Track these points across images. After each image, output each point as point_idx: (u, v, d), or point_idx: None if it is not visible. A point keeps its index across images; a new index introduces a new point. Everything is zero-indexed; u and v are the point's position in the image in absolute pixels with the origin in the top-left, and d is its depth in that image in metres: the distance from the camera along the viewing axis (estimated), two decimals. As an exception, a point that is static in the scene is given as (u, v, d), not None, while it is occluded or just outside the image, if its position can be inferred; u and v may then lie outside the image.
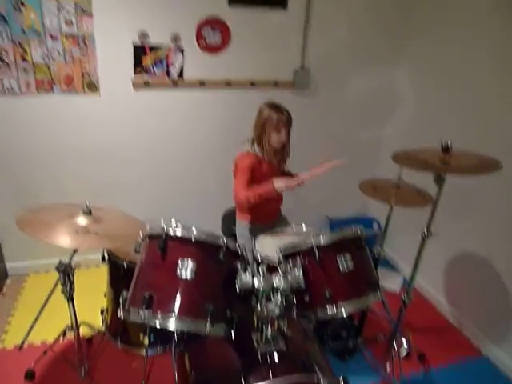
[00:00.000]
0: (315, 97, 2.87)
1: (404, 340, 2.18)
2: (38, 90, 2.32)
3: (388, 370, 2.04)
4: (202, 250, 1.35)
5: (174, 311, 1.28)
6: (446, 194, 1.73)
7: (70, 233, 1.58)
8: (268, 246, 1.98)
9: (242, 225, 2.27)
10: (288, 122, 2.02)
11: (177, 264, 1.32)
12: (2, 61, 2.21)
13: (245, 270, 1.44)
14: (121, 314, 1.35)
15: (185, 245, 1.35)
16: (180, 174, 2.85)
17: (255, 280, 1.38)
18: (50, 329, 2.09)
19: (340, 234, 1.52)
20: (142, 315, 1.27)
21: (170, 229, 1.35)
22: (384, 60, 2.91)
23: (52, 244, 1.52)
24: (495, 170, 1.54)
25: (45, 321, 2.13)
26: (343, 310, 1.45)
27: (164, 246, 1.33)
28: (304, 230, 2.21)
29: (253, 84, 2.68)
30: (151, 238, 1.41)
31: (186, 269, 1.31)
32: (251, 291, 1.41)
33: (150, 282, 1.34)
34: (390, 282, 2.87)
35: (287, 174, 2.23)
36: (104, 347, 2.11)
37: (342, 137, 3.08)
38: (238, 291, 1.40)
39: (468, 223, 2.45)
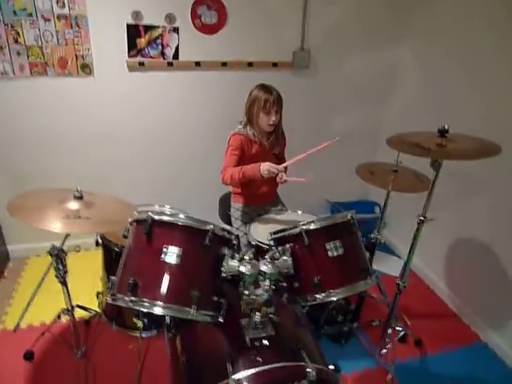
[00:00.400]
0: (314, 77, 2.80)
1: (399, 325, 2.17)
2: (31, 73, 2.29)
3: (383, 354, 2.03)
4: (188, 235, 1.33)
5: (158, 297, 1.27)
6: (447, 178, 1.68)
7: (60, 218, 1.58)
8: (262, 231, 1.97)
9: (237, 207, 2.25)
10: (277, 103, 1.97)
11: (162, 249, 1.30)
12: (-5, 43, 2.19)
13: (232, 256, 1.42)
14: (109, 298, 1.35)
15: (170, 230, 1.33)
16: (175, 155, 2.82)
17: (241, 265, 1.37)
18: (50, 310, 2.11)
19: (329, 220, 1.49)
20: (127, 300, 1.27)
21: (156, 214, 1.33)
22: (386, 38, 2.82)
23: (42, 229, 1.53)
24: (494, 155, 1.48)
25: (44, 302, 2.17)
26: (332, 296, 1.43)
27: (149, 231, 1.32)
28: (299, 215, 2.18)
29: (250, 65, 2.61)
30: (138, 222, 1.39)
31: (171, 254, 1.30)
32: (239, 276, 1.40)
33: (135, 267, 1.33)
34: (390, 267, 2.84)
35: (279, 157, 2.19)
36: (102, 329, 2.14)
37: (341, 118, 3.02)
38: (224, 276, 1.39)
39: (469, 208, 2.39)
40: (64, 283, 1.78)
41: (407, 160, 1.97)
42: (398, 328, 2.08)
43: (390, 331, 2.02)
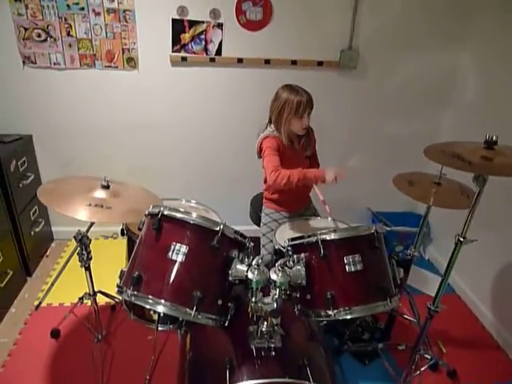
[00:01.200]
0: (362, 78, 2.64)
1: (429, 353, 1.98)
2: (81, 65, 2.40)
3: (408, 381, 1.87)
4: (196, 233, 1.30)
5: (160, 294, 1.25)
6: (501, 195, 1.48)
7: (84, 205, 1.62)
8: (287, 236, 1.88)
9: (267, 212, 2.18)
10: (310, 105, 1.84)
11: (168, 245, 1.28)
12: (50, 36, 2.31)
13: (242, 260, 1.37)
14: (116, 289, 1.36)
15: (179, 227, 1.31)
16: (214, 152, 2.81)
17: (249, 271, 1.31)
18: (82, 292, 2.18)
19: (351, 231, 1.38)
20: (129, 294, 1.26)
21: (166, 209, 1.31)
22: (444, 40, 2.59)
23: (66, 214, 1.58)
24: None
25: (78, 283, 2.24)
26: (344, 314, 1.32)
27: (158, 226, 1.30)
28: (328, 222, 2.07)
29: (294, 63, 2.53)
30: (151, 216, 1.38)
31: (178, 252, 1.27)
32: (246, 282, 1.34)
33: (141, 261, 1.33)
34: (429, 286, 2.62)
35: (311, 158, 2.09)
36: (125, 316, 2.19)
37: (389, 123, 2.83)
38: (232, 280, 1.34)
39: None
40: (88, 268, 1.84)
41: (454, 172, 1.78)
42: (427, 356, 1.90)
43: (417, 358, 1.84)
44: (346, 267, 1.34)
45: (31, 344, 2.06)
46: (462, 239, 1.55)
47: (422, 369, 1.89)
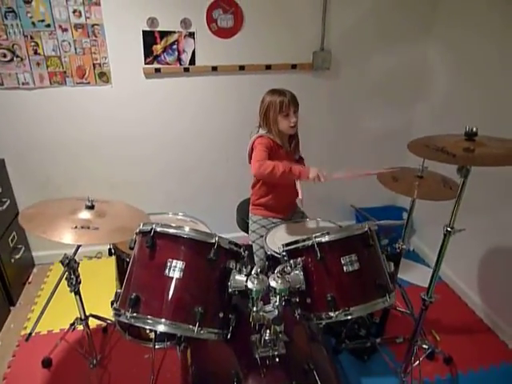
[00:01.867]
0: (336, 79, 2.69)
1: (426, 343, 2.02)
2: (51, 83, 2.33)
3: (408, 372, 1.90)
4: (191, 248, 1.28)
5: (161, 314, 1.22)
6: (480, 182, 1.53)
7: (69, 228, 1.56)
8: (278, 241, 1.88)
9: (255, 219, 2.17)
10: (293, 103, 1.88)
11: (164, 262, 1.26)
12: (16, 55, 2.23)
13: (239, 270, 1.36)
14: (112, 313, 1.32)
15: (173, 243, 1.29)
16: (196, 161, 2.78)
17: (249, 280, 1.30)
18: (71, 317, 2.10)
19: (345, 232, 1.39)
20: (128, 316, 1.23)
21: (158, 226, 1.29)
22: (412, 38, 2.67)
23: (50, 240, 1.52)
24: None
25: (66, 309, 2.16)
26: (346, 314, 1.33)
27: (152, 244, 1.27)
28: (319, 223, 2.09)
29: (268, 67, 2.54)
30: (142, 234, 1.35)
31: (174, 268, 1.25)
32: (247, 292, 1.33)
33: (137, 281, 1.29)
34: (418, 277, 2.68)
35: (300, 162, 2.11)
36: (118, 337, 2.14)
37: (365, 121, 2.89)
38: (231, 292, 1.32)
39: (505, 215, 2.20)
40: (77, 293, 1.78)
41: (435, 165, 1.83)
42: (424, 346, 1.94)
43: (416, 348, 1.87)
44: (344, 268, 1.35)
45: (22, 376, 1.97)
46: (450, 229, 1.59)
47: (421, 358, 1.93)
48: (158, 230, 1.28)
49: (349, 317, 1.33)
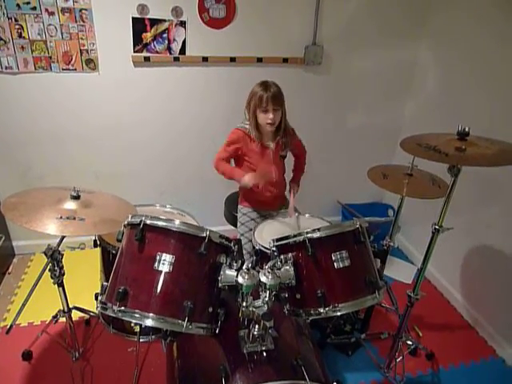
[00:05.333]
0: (327, 74, 2.68)
1: (410, 339, 2.05)
2: (36, 68, 2.25)
3: (391, 367, 1.93)
4: (181, 241, 1.25)
5: (149, 308, 1.20)
6: (467, 182, 1.54)
7: (54, 219, 1.52)
8: (267, 236, 1.87)
9: (244, 211, 2.16)
10: (273, 101, 1.85)
11: (154, 256, 1.23)
12: (0, 38, 2.14)
13: (230, 265, 1.34)
14: (98, 307, 1.29)
15: (163, 235, 1.25)
16: (183, 153, 2.75)
17: (239, 275, 1.28)
18: (53, 309, 2.05)
19: (336, 228, 1.39)
20: (115, 310, 1.20)
21: (148, 218, 1.26)
22: (404, 35, 2.67)
23: (33, 230, 1.47)
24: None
25: (47, 300, 2.11)
26: (336, 311, 1.33)
27: (141, 237, 1.24)
28: (306, 218, 2.08)
29: (260, 60, 2.51)
30: (131, 226, 1.32)
31: (164, 262, 1.22)
32: (237, 286, 1.31)
33: (125, 274, 1.26)
34: (403, 274, 2.72)
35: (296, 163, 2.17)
36: (101, 330, 2.10)
37: (356, 117, 2.90)
38: (221, 286, 1.31)
39: (491, 215, 2.25)
40: (60, 285, 1.73)
41: (424, 163, 1.85)
42: (408, 342, 1.96)
43: (400, 344, 1.90)
44: (335, 264, 1.35)
45: (1, 369, 1.91)
46: (438, 228, 1.61)
47: (405, 353, 1.96)
48: (148, 222, 1.25)
49: (338, 313, 1.33)
